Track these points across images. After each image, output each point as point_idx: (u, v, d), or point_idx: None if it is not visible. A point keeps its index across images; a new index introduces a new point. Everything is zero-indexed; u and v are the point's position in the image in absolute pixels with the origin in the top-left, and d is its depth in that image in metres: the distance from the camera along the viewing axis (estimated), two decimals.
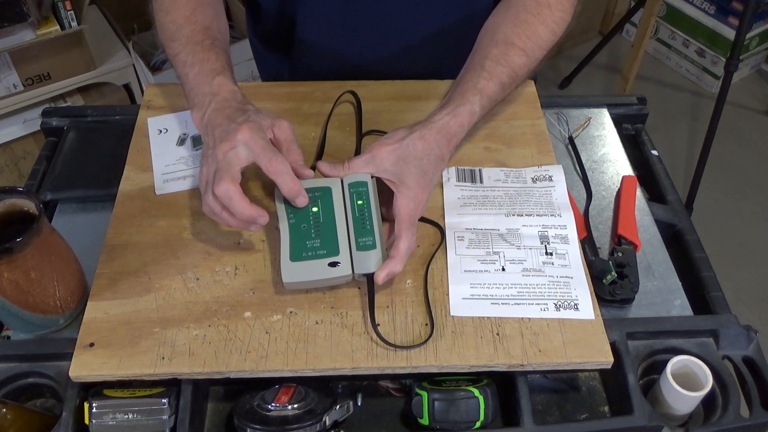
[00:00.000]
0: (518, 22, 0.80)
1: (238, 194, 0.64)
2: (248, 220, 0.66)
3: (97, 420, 0.61)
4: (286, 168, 0.66)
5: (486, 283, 0.69)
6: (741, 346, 0.69)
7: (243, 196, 0.65)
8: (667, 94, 2.43)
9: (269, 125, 0.69)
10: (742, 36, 1.80)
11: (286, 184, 0.66)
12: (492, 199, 0.77)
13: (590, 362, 0.64)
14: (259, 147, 0.65)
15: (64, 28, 1.57)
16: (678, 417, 0.66)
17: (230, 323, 0.66)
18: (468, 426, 0.63)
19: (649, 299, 0.73)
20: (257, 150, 0.65)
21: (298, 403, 0.61)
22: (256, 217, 0.65)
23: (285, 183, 0.66)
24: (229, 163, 0.65)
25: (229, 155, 0.66)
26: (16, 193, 0.63)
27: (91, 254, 0.72)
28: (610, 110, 0.94)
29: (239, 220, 0.66)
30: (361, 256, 0.67)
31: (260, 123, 0.68)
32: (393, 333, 0.65)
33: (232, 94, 0.73)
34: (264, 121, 0.69)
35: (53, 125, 0.90)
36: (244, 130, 0.66)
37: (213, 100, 0.72)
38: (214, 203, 0.66)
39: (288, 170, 0.66)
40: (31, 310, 0.64)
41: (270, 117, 0.70)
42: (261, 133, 0.67)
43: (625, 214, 0.80)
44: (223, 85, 0.73)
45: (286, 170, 0.66)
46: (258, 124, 0.68)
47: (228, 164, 0.65)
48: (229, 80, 0.74)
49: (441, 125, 0.74)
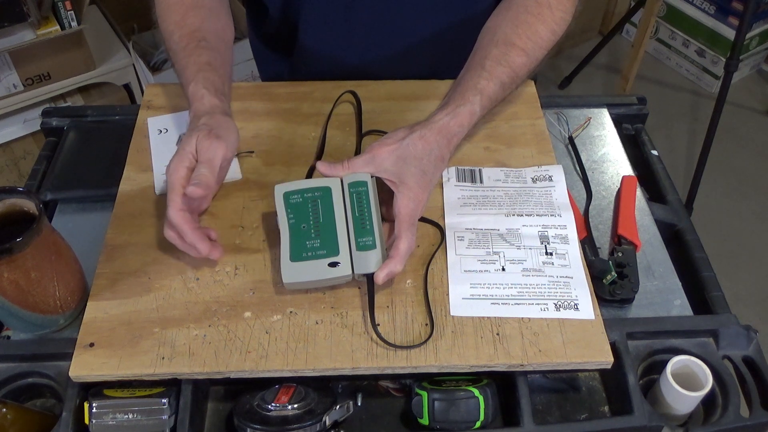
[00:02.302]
0: (518, 22, 0.80)
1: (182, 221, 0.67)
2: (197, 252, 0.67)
3: (97, 420, 0.61)
4: (177, 220, 0.67)
5: (486, 283, 0.69)
6: (741, 346, 0.69)
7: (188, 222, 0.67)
8: (667, 94, 2.43)
9: (192, 149, 0.69)
10: (742, 36, 1.80)
11: (180, 239, 0.68)
12: (492, 199, 0.77)
13: (590, 362, 0.64)
14: (170, 183, 0.68)
15: (64, 28, 1.57)
16: (678, 417, 0.66)
17: (230, 323, 0.66)
18: (468, 426, 0.63)
19: (649, 299, 0.73)
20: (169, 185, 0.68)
21: (298, 403, 0.61)
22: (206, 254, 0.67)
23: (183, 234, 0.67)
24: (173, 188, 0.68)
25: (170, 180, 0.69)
26: (16, 193, 0.63)
27: (91, 254, 0.72)
28: (610, 110, 0.94)
29: None
30: (361, 256, 0.67)
31: (184, 150, 0.69)
32: (393, 333, 0.65)
33: (198, 103, 0.74)
34: (189, 146, 0.69)
35: (53, 125, 0.90)
36: (173, 159, 0.69)
37: (190, 113, 0.75)
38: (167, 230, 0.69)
39: (178, 223, 0.66)
40: (31, 310, 0.64)
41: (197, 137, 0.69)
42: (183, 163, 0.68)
43: (625, 214, 0.80)
44: (194, 94, 0.75)
45: (177, 223, 0.67)
46: (182, 152, 0.69)
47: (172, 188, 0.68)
48: (200, 85, 0.75)
49: (441, 125, 0.74)
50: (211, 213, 0.76)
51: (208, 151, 0.69)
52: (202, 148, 0.69)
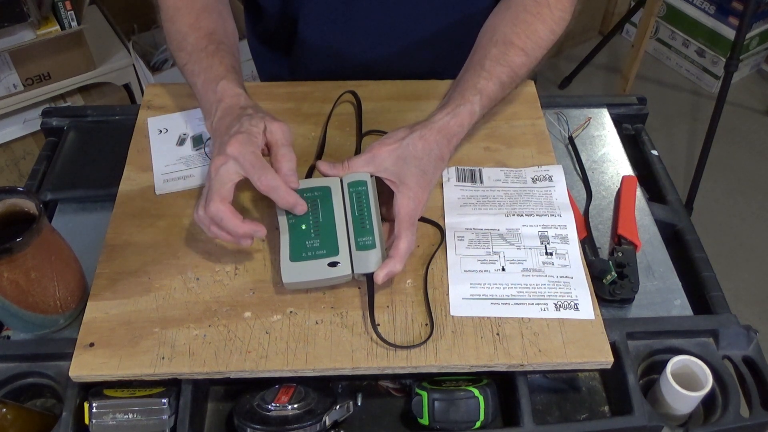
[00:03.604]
0: (518, 21, 0.80)
1: (228, 213, 0.64)
2: (244, 236, 0.66)
3: (97, 420, 0.61)
4: (277, 183, 0.65)
5: (486, 283, 0.69)
6: (741, 346, 0.69)
7: (234, 215, 0.65)
8: (667, 94, 2.43)
9: (261, 131, 0.67)
10: (742, 36, 1.80)
11: (281, 199, 0.66)
12: (492, 199, 0.77)
13: (590, 362, 0.64)
14: (248, 162, 0.64)
15: (64, 28, 1.57)
16: (678, 417, 0.66)
17: (230, 323, 0.66)
18: (468, 426, 0.63)
19: (649, 299, 0.73)
20: (247, 166, 0.64)
21: (298, 403, 0.61)
22: (252, 232, 0.65)
23: (279, 198, 0.66)
24: (221, 181, 0.65)
25: (221, 171, 0.65)
26: (16, 193, 0.63)
27: (91, 254, 0.72)
28: (610, 110, 0.94)
29: (233, 236, 0.66)
30: (361, 255, 0.67)
31: (251, 132, 0.66)
32: (393, 333, 0.65)
33: (235, 99, 0.72)
34: (256, 127, 0.67)
35: (53, 125, 0.90)
36: (233, 143, 0.65)
37: (218, 108, 0.72)
38: (204, 218, 0.66)
39: (278, 184, 0.65)
40: (31, 310, 0.64)
41: (264, 120, 0.68)
42: (251, 146, 0.65)
43: (625, 214, 0.80)
44: (226, 90, 0.73)
45: (277, 185, 0.65)
46: (249, 134, 0.66)
47: (220, 182, 0.65)
48: (233, 83, 0.73)
49: (441, 125, 0.74)
50: None
51: (286, 133, 0.68)
52: (276, 129, 0.68)
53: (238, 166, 0.65)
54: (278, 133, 0.68)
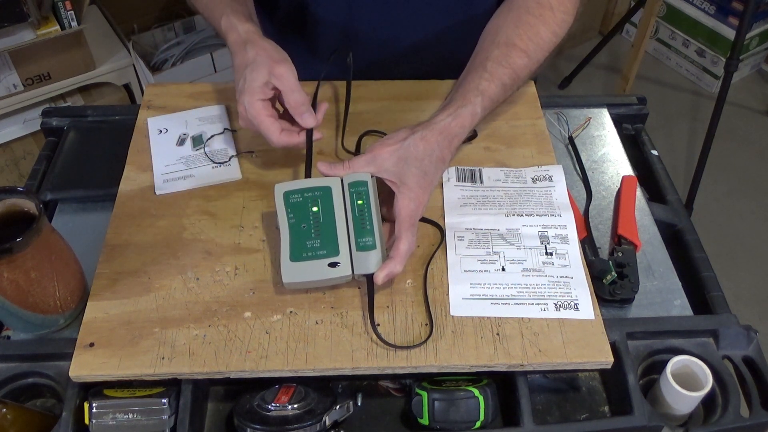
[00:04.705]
0: (520, 23, 0.80)
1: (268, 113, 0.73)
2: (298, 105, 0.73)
3: (97, 420, 0.61)
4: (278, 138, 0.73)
5: (486, 283, 0.69)
6: (741, 346, 0.69)
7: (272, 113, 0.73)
8: (667, 94, 2.43)
9: (262, 84, 0.71)
10: (742, 36, 1.80)
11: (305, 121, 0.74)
12: (492, 199, 0.77)
13: (590, 362, 0.64)
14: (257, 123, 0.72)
15: (64, 28, 1.56)
16: (678, 417, 0.66)
17: (230, 323, 0.66)
18: (468, 426, 0.63)
19: (649, 299, 0.73)
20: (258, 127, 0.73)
21: (298, 403, 0.61)
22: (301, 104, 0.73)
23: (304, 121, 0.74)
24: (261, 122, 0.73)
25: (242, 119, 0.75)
26: (16, 193, 0.63)
27: (91, 254, 0.72)
28: (610, 110, 0.94)
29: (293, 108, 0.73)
30: (361, 256, 0.67)
31: (253, 89, 0.71)
32: (393, 333, 0.65)
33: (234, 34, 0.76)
34: (256, 81, 0.71)
35: (53, 125, 0.90)
36: (240, 105, 0.72)
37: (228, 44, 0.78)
38: None
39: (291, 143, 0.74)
40: (31, 310, 0.64)
41: (266, 67, 0.71)
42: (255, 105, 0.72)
43: (625, 214, 0.80)
44: (228, 27, 0.77)
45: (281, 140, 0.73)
46: (251, 90, 0.71)
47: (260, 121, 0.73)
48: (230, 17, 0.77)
49: (442, 126, 0.74)
50: (211, 213, 0.76)
51: (290, 76, 0.72)
52: (279, 74, 0.71)
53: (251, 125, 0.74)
54: (283, 79, 0.72)
